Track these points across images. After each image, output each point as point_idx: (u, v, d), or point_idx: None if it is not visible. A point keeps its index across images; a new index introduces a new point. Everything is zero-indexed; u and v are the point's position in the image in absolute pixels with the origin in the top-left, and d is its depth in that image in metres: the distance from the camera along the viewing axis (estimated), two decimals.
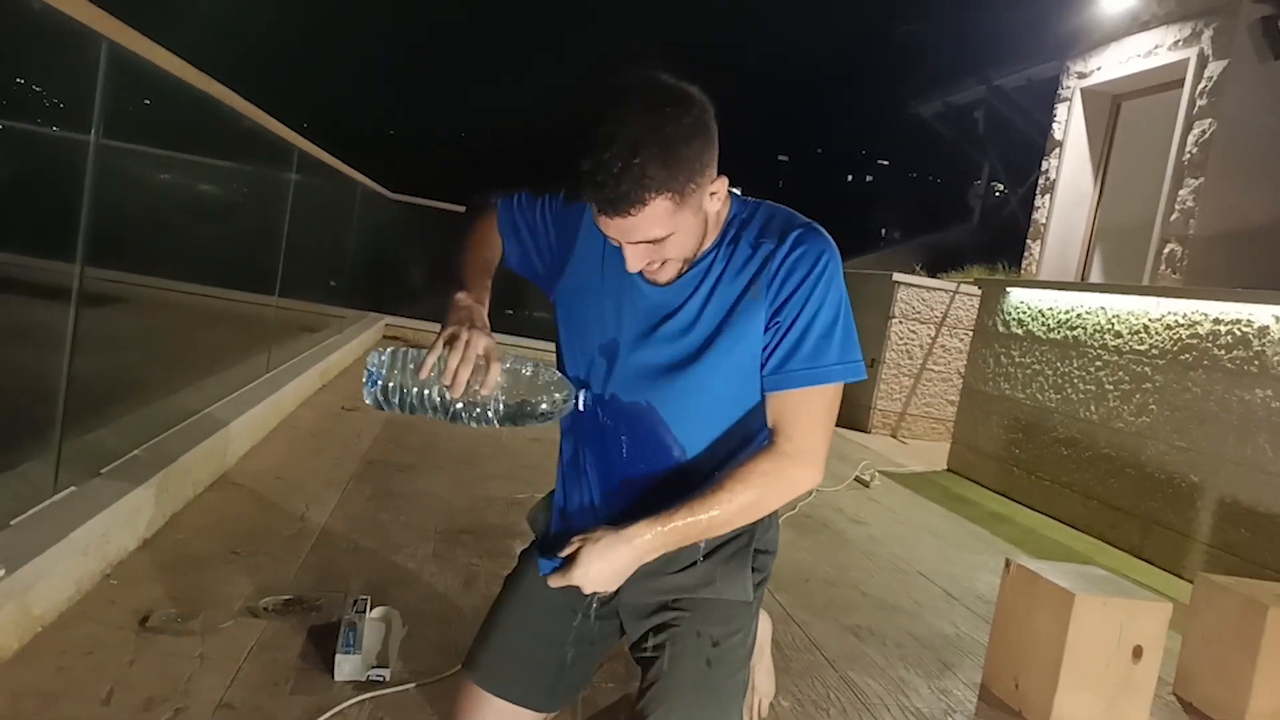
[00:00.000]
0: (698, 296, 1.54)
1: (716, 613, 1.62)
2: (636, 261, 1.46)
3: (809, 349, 1.50)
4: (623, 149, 1.33)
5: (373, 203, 8.20)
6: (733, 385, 1.55)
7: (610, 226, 1.41)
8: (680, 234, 1.44)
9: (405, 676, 2.08)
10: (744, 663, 1.63)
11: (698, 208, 1.44)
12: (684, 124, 1.37)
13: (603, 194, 1.36)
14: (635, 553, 1.47)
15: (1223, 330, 4.35)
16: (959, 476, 6.26)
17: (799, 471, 1.53)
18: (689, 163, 1.38)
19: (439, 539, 3.08)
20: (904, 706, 2.38)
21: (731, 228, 1.55)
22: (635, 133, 1.33)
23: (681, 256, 1.50)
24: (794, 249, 1.50)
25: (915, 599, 3.30)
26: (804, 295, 1.50)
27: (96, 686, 1.82)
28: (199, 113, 3.38)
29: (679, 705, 1.53)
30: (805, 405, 1.53)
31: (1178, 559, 4.37)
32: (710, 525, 1.50)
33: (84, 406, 2.51)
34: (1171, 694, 2.76)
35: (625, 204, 1.36)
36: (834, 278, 1.52)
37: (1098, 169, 7.80)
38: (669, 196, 1.37)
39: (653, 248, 1.45)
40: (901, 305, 7.71)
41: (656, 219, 1.39)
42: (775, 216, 1.56)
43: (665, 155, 1.35)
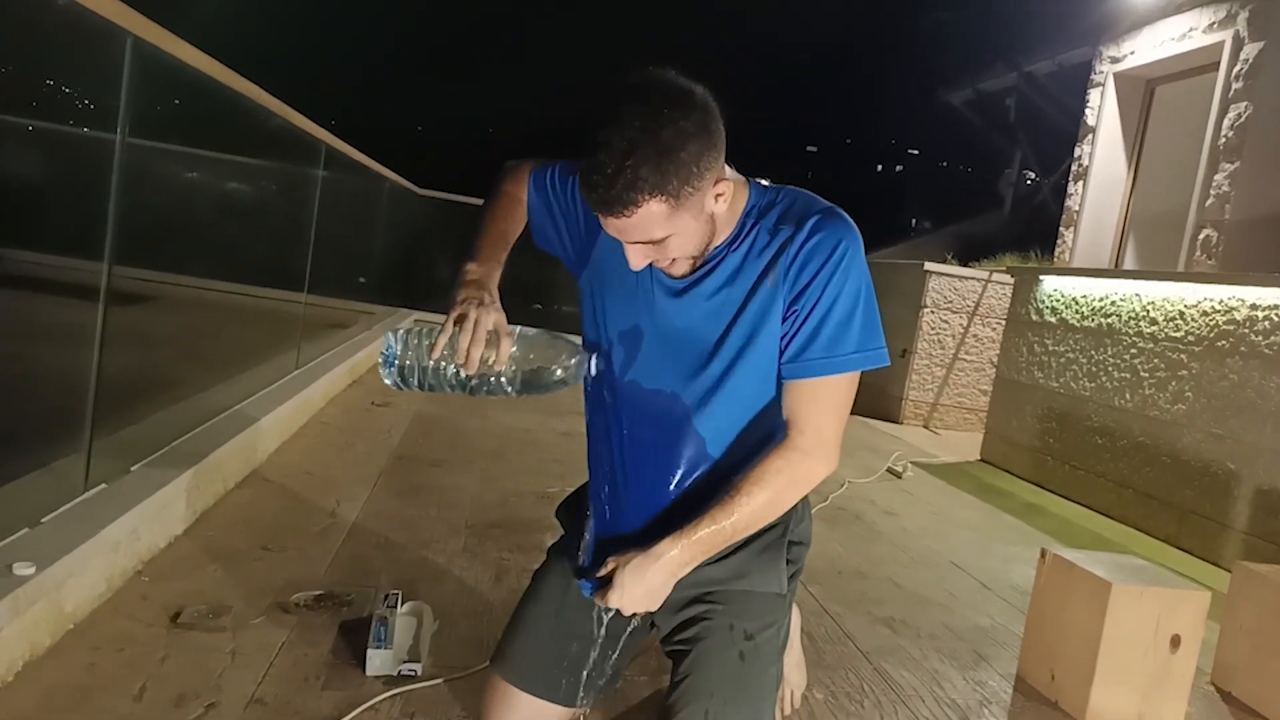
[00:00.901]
0: (714, 287, 1.52)
1: (750, 606, 1.60)
2: (637, 259, 1.45)
3: (827, 337, 1.48)
4: (617, 152, 1.32)
5: (401, 199, 8.23)
6: (754, 375, 1.53)
7: (608, 225, 1.41)
8: (680, 236, 1.42)
9: (436, 671, 2.08)
10: (777, 656, 1.62)
11: (698, 210, 1.42)
12: (681, 127, 1.35)
13: (596, 195, 1.36)
14: (667, 569, 1.48)
15: (1260, 316, 4.27)
16: (992, 467, 6.20)
17: (813, 464, 1.53)
18: (685, 166, 1.36)
19: (469, 533, 3.08)
20: (939, 698, 2.35)
21: (750, 217, 1.53)
22: (630, 136, 1.32)
23: (687, 254, 1.48)
24: (812, 235, 1.48)
25: (949, 590, 3.26)
26: (822, 282, 1.47)
27: (129, 682, 1.83)
28: (226, 109, 3.40)
29: (713, 699, 1.52)
30: (821, 395, 1.51)
31: (1214, 548, 4.31)
32: (735, 530, 1.49)
33: (114, 404, 2.53)
34: (1210, 684, 2.72)
35: (618, 205, 1.35)
36: (853, 263, 1.49)
37: (1131, 155, 7.70)
38: (663, 199, 1.36)
39: (652, 248, 1.44)
40: (933, 295, 7.64)
41: (651, 221, 1.38)
42: (795, 203, 1.54)
43: (659, 159, 1.33)
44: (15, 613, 1.74)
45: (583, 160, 1.36)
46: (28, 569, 1.80)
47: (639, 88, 1.37)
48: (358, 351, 5.86)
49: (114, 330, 2.43)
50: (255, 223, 4.69)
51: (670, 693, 1.57)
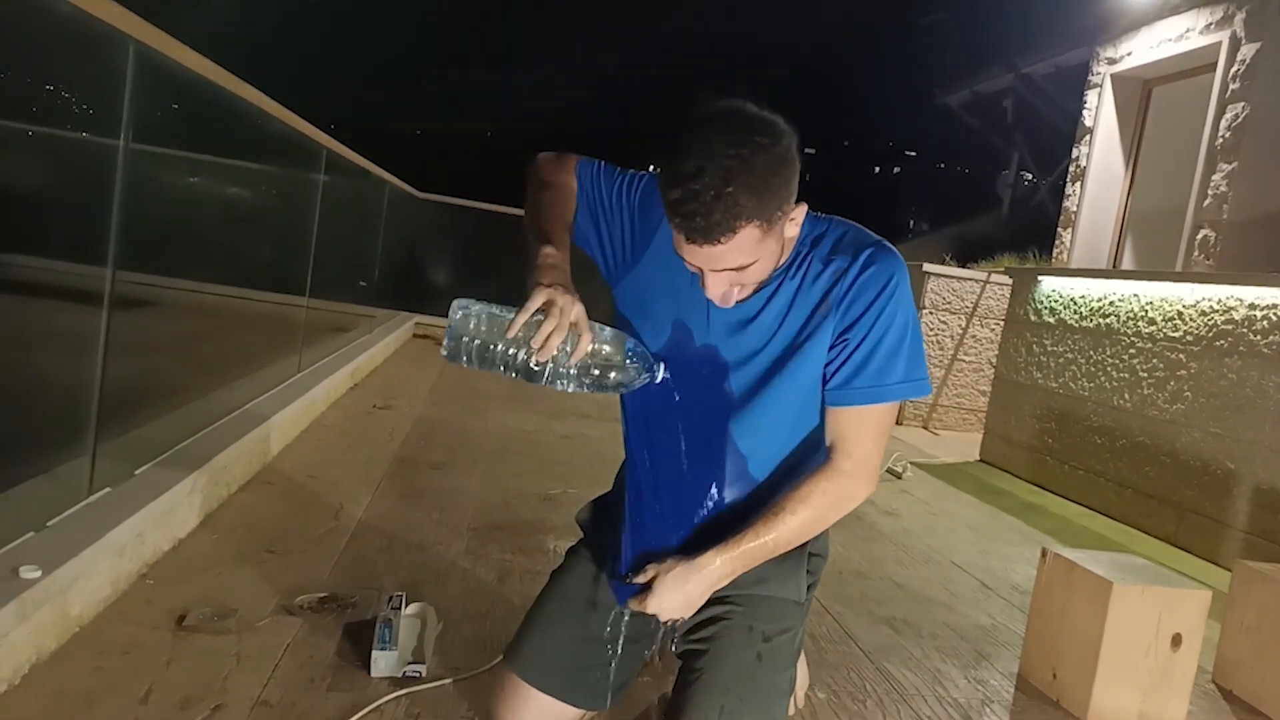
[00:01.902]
0: (771, 312, 1.55)
1: (768, 610, 1.63)
2: (717, 288, 1.46)
3: (876, 367, 1.51)
4: (715, 179, 1.33)
5: (401, 202, 8.24)
6: (798, 399, 1.56)
7: (697, 255, 1.41)
8: (763, 261, 1.45)
9: (441, 672, 2.09)
10: (792, 661, 1.64)
11: (780, 234, 1.45)
12: (773, 153, 1.38)
13: (694, 223, 1.36)
14: (707, 581, 1.51)
15: (1258, 315, 4.28)
16: (992, 467, 6.21)
17: (856, 486, 1.56)
18: (777, 191, 1.39)
19: (472, 535, 3.09)
20: (941, 697, 2.36)
21: (804, 245, 1.56)
22: (727, 163, 1.33)
23: (758, 280, 1.50)
24: (865, 268, 1.51)
25: (950, 590, 3.27)
26: (875, 314, 1.51)
27: (135, 686, 1.84)
28: (228, 115, 3.41)
29: (728, 696, 1.54)
30: (866, 421, 1.54)
31: (1214, 547, 4.32)
32: (775, 546, 1.53)
33: (118, 409, 2.53)
34: (1211, 683, 2.73)
35: (718, 232, 1.36)
36: (903, 296, 1.53)
37: (1129, 155, 7.72)
38: (758, 225, 1.37)
39: (735, 275, 1.44)
40: (932, 296, 7.65)
41: (744, 247, 1.39)
42: (847, 234, 1.57)
43: (756, 185, 1.35)
44: (21, 616, 1.75)
45: (671, 190, 1.36)
46: (34, 573, 1.81)
47: (726, 116, 1.39)
48: (359, 355, 5.87)
49: (117, 335, 2.44)
50: (257, 227, 4.70)
51: (682, 688, 1.58)
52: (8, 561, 1.84)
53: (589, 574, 1.76)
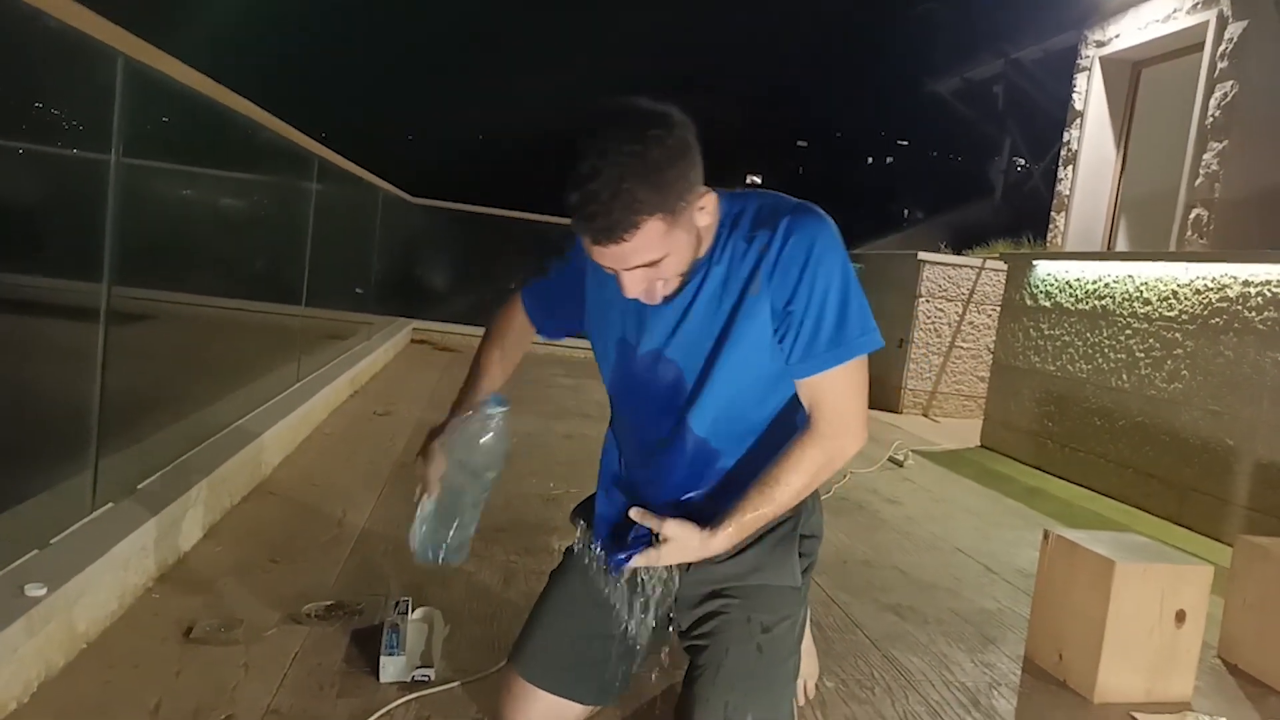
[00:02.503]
0: (704, 299, 1.56)
1: (766, 599, 1.64)
2: (635, 287, 1.47)
3: (828, 332, 1.51)
4: (610, 177, 1.33)
5: (395, 208, 8.25)
6: (750, 377, 1.57)
7: (606, 256, 1.42)
8: (675, 254, 1.45)
9: (450, 675, 2.09)
10: (794, 648, 1.65)
11: (689, 225, 1.45)
12: (668, 145, 1.38)
13: (595, 224, 1.36)
14: (707, 551, 1.51)
15: (1253, 292, 4.29)
16: (993, 452, 6.22)
17: (843, 443, 1.57)
18: (676, 182, 1.39)
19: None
20: (948, 682, 2.37)
21: (724, 228, 1.56)
22: (620, 159, 1.34)
23: (678, 272, 1.51)
24: (788, 237, 1.51)
25: (955, 576, 3.28)
26: (810, 280, 1.50)
27: (144, 698, 1.85)
28: (218, 127, 3.41)
29: (733, 691, 1.55)
30: (836, 383, 1.55)
31: (1216, 524, 4.33)
32: (774, 513, 1.55)
33: (119, 424, 2.54)
34: (1216, 658, 2.73)
35: (619, 230, 1.36)
36: (833, 255, 1.52)
37: (1120, 138, 7.72)
38: (661, 218, 1.38)
39: (649, 271, 1.45)
40: (928, 284, 7.66)
41: (651, 242, 1.40)
42: (764, 206, 1.57)
43: (653, 178, 1.35)
44: (29, 633, 1.75)
45: (570, 195, 1.36)
46: (39, 590, 1.82)
47: (616, 114, 1.39)
48: (358, 361, 5.88)
49: (115, 350, 2.44)
50: (251, 237, 4.70)
51: (689, 685, 1.60)
52: (13, 580, 1.85)
53: (588, 571, 1.75)
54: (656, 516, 1.49)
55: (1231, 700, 2.48)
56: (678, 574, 1.59)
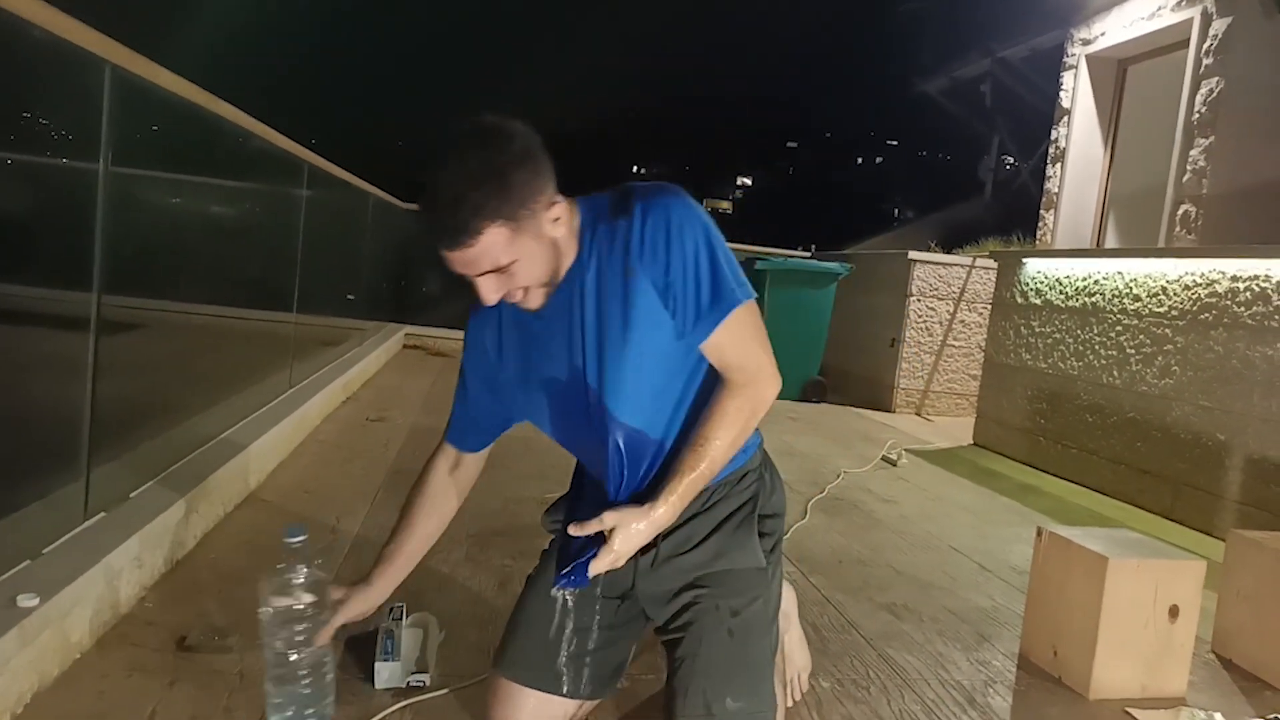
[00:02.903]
0: (589, 300, 1.61)
1: (733, 584, 1.70)
2: (490, 292, 1.52)
3: (707, 292, 1.58)
4: (453, 185, 1.41)
5: (385, 214, 8.23)
6: (660, 354, 1.63)
7: (456, 262, 1.48)
8: (526, 260, 1.50)
9: (445, 681, 2.09)
10: (767, 628, 1.70)
11: (538, 233, 1.50)
12: (510, 152, 1.45)
13: (439, 229, 1.44)
14: (656, 525, 1.59)
15: (1241, 287, 4.31)
16: (986, 450, 6.23)
17: (761, 389, 1.65)
18: (519, 189, 1.45)
19: (471, 542, 3.10)
20: (944, 680, 2.38)
21: (587, 231, 1.62)
22: (463, 168, 1.42)
23: (538, 281, 1.56)
24: (646, 217, 1.58)
25: (949, 574, 3.29)
26: (677, 251, 1.57)
27: (139, 708, 1.84)
28: (207, 135, 3.41)
29: (709, 678, 1.61)
30: (735, 336, 1.62)
31: (1209, 518, 4.34)
32: (710, 471, 1.62)
33: (111, 432, 2.53)
34: (1210, 652, 2.74)
35: (463, 235, 1.43)
36: (691, 221, 1.59)
37: (1107, 135, 7.75)
38: (503, 223, 1.44)
39: (502, 277, 1.51)
40: (919, 283, 7.67)
41: (496, 247, 1.45)
42: (617, 197, 1.63)
43: (494, 185, 1.42)
44: (22, 643, 1.75)
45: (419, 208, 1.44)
46: (32, 600, 1.81)
47: (463, 129, 1.47)
48: (351, 368, 5.87)
49: (106, 359, 2.44)
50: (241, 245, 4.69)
51: (670, 679, 1.65)
52: (5, 590, 1.84)
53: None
54: (593, 520, 1.56)
55: (1226, 694, 2.49)
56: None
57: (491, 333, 1.76)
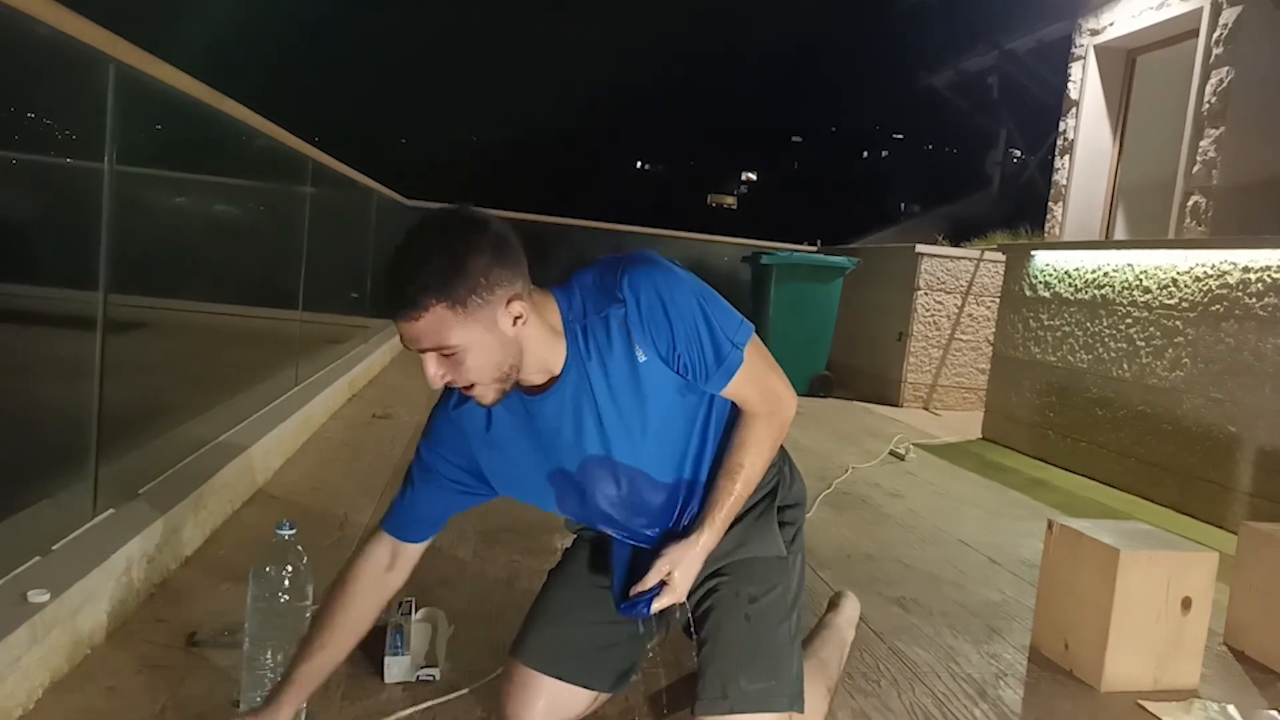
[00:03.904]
0: (598, 391, 1.62)
1: (753, 572, 1.75)
2: (434, 371, 1.52)
3: (712, 351, 1.61)
4: (410, 262, 1.44)
5: (390, 211, 8.24)
6: (680, 417, 1.68)
7: (403, 334, 1.49)
8: (474, 351, 1.49)
9: (455, 675, 2.08)
10: (786, 615, 1.73)
11: (490, 324, 1.48)
12: (472, 241, 1.46)
13: (386, 298, 1.46)
14: (705, 552, 1.66)
15: (1253, 278, 4.28)
16: (994, 444, 6.22)
17: (783, 411, 1.72)
18: (471, 275, 1.44)
19: (479, 539, 3.09)
20: (955, 673, 2.37)
21: (574, 321, 1.61)
22: (424, 248, 1.45)
23: (489, 379, 1.54)
24: (638, 296, 1.58)
25: (959, 568, 3.28)
26: (678, 321, 1.59)
27: (149, 704, 1.84)
28: (212, 132, 3.40)
29: (727, 662, 1.65)
30: (749, 376, 1.66)
31: (1220, 511, 4.32)
32: (745, 492, 1.69)
33: (118, 431, 2.53)
34: (1223, 644, 2.73)
35: (406, 307, 1.44)
36: (678, 286, 1.60)
37: (1116, 126, 7.72)
38: (448, 305, 1.44)
39: (447, 361, 1.50)
40: (926, 276, 7.65)
41: (441, 327, 1.45)
42: (595, 286, 1.63)
43: (446, 264, 1.43)
44: (33, 640, 1.74)
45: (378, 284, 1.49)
46: (42, 596, 1.81)
47: (439, 214, 1.50)
48: (356, 365, 5.87)
49: (113, 358, 2.44)
50: (247, 242, 4.70)
51: (696, 668, 1.71)
52: (15, 587, 1.84)
53: (589, 563, 1.88)
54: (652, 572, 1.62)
55: (1238, 686, 2.47)
56: None
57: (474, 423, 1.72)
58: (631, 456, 1.67)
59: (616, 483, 1.70)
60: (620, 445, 1.66)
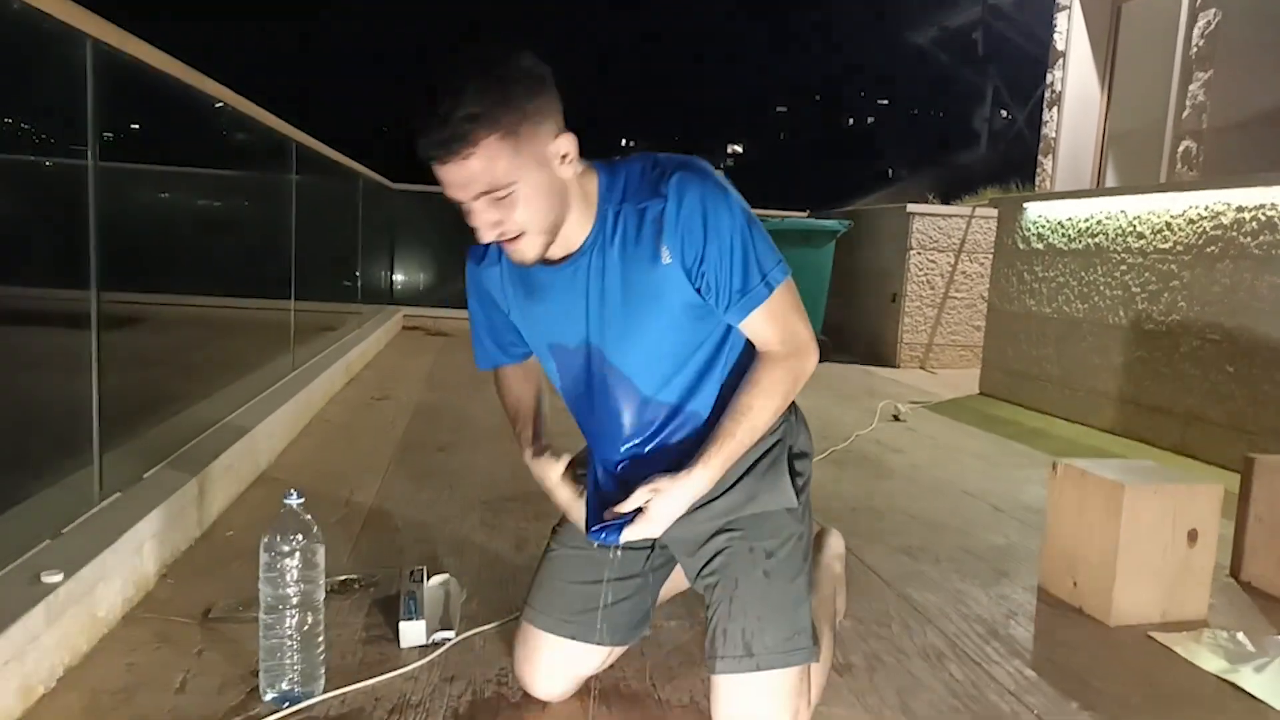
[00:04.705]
0: (610, 272, 1.59)
1: (765, 526, 1.69)
2: (487, 218, 1.46)
3: (741, 276, 1.56)
4: (448, 93, 1.35)
5: (376, 194, 8.20)
6: (687, 332, 1.63)
7: (450, 182, 1.42)
8: (526, 189, 1.43)
9: (470, 638, 2.09)
10: (801, 566, 1.70)
11: (541, 159, 1.44)
12: (515, 65, 1.40)
13: (432, 139, 1.37)
14: (693, 491, 1.59)
15: (1247, 217, 4.29)
16: (992, 399, 6.23)
17: (802, 361, 1.65)
18: (519, 101, 1.38)
19: (485, 509, 3.10)
20: (965, 615, 2.38)
21: (609, 201, 1.57)
22: (459, 80, 1.36)
23: (539, 229, 1.50)
24: (681, 199, 1.53)
25: (964, 516, 3.29)
26: (714, 234, 1.53)
27: (169, 677, 1.85)
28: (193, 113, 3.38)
29: (747, 618, 1.61)
30: (774, 314, 1.60)
31: (1220, 451, 4.33)
32: (749, 439, 1.62)
33: (119, 419, 2.52)
34: (1229, 576, 2.75)
35: (457, 144, 1.36)
36: (726, 203, 1.55)
37: (1104, 75, 7.68)
38: (501, 136, 1.37)
39: (500, 206, 1.44)
40: (918, 236, 7.65)
41: (495, 163, 1.39)
42: (643, 174, 1.58)
43: (493, 94, 1.36)
44: (49, 620, 1.75)
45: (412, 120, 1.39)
46: (56, 576, 1.81)
47: (470, 44, 1.42)
48: (351, 350, 5.86)
49: (110, 351, 2.42)
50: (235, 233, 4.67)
51: (710, 622, 1.65)
52: (28, 568, 1.84)
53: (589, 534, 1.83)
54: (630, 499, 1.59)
55: (1246, 615, 2.49)
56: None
57: (493, 281, 1.75)
58: (620, 356, 1.64)
59: (603, 378, 1.67)
60: (614, 341, 1.63)
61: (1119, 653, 2.20)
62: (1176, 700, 1.97)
